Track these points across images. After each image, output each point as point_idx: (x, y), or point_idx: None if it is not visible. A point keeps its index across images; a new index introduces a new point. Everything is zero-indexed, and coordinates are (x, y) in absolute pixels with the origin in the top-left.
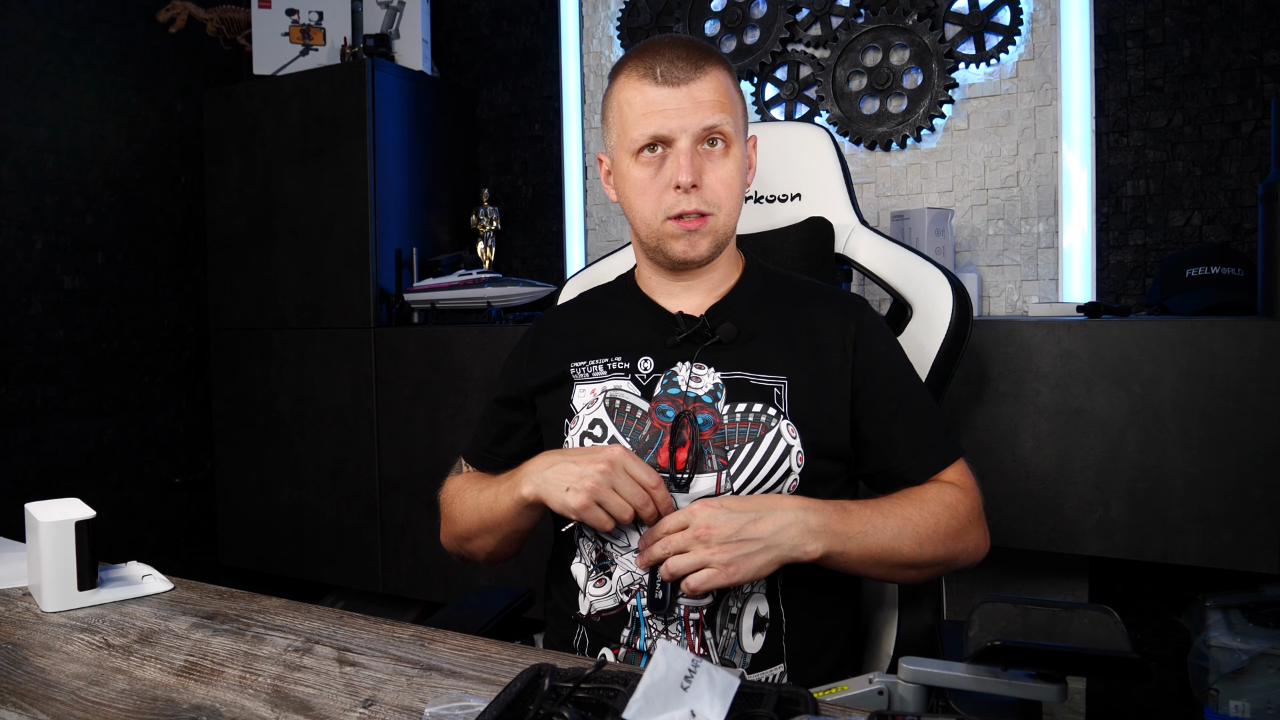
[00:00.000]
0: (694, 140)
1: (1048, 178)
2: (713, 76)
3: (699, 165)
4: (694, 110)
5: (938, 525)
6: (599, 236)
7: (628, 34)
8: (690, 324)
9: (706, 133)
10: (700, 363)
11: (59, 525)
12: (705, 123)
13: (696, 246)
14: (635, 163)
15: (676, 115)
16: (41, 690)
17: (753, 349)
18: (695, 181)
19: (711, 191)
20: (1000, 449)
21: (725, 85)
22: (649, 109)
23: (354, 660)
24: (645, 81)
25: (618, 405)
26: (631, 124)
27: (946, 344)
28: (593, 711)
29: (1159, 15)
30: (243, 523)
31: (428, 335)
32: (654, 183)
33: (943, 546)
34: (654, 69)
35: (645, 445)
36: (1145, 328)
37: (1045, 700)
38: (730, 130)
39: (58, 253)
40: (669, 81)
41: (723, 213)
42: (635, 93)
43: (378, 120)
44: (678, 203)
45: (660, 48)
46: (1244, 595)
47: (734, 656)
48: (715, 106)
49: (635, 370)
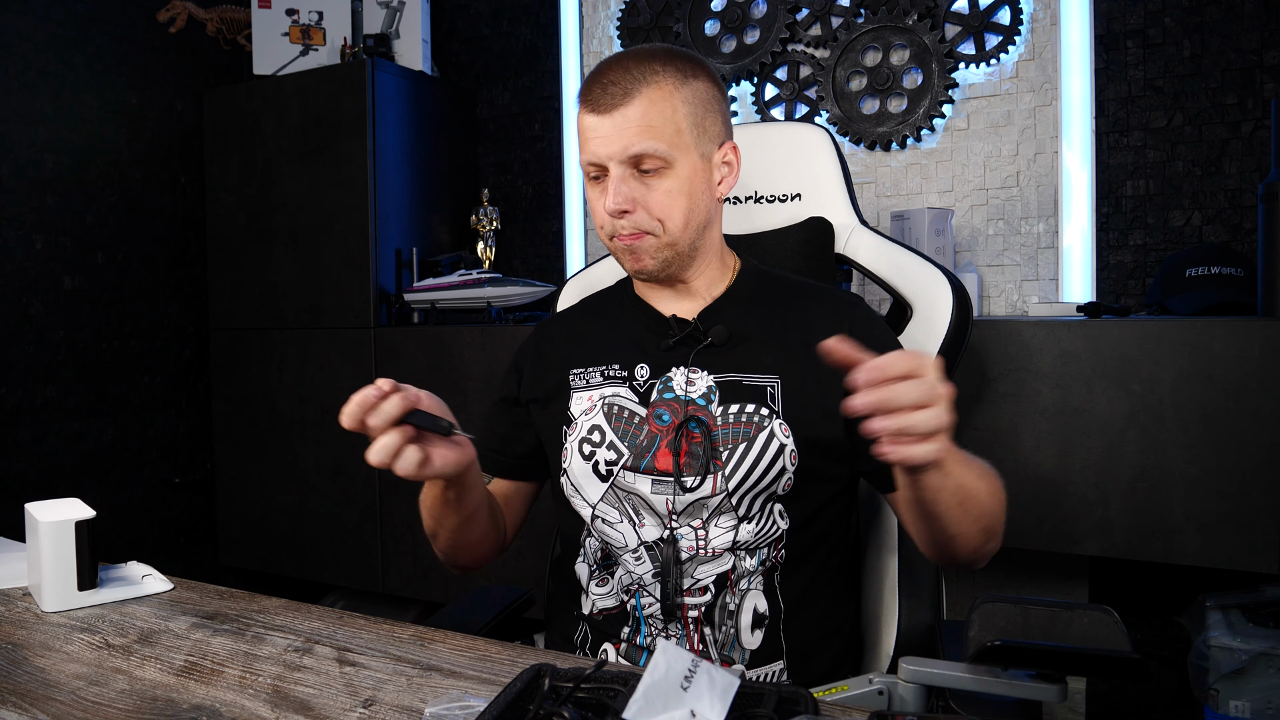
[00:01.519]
0: (625, 165)
1: (1048, 178)
2: (645, 98)
3: (629, 191)
4: (618, 137)
5: (997, 491)
6: (599, 236)
7: (628, 34)
8: (683, 328)
9: (634, 160)
10: (694, 366)
11: (59, 525)
12: (630, 150)
13: (641, 260)
14: (590, 185)
15: (604, 144)
16: (41, 690)
17: (745, 350)
18: (623, 208)
19: (646, 213)
20: (1000, 449)
21: (664, 104)
22: (586, 135)
23: (354, 660)
24: (585, 107)
25: (615, 411)
26: (581, 149)
27: (946, 344)
28: (593, 711)
29: (1159, 15)
30: (243, 523)
31: (428, 335)
32: (599, 205)
33: (999, 515)
34: (590, 94)
35: (643, 450)
36: (1145, 328)
37: (1045, 700)
38: (663, 152)
39: (58, 253)
40: (600, 108)
41: (668, 230)
42: (582, 117)
43: (378, 120)
44: (616, 227)
45: (603, 70)
46: (1244, 595)
47: (733, 652)
48: (643, 132)
49: (633, 377)
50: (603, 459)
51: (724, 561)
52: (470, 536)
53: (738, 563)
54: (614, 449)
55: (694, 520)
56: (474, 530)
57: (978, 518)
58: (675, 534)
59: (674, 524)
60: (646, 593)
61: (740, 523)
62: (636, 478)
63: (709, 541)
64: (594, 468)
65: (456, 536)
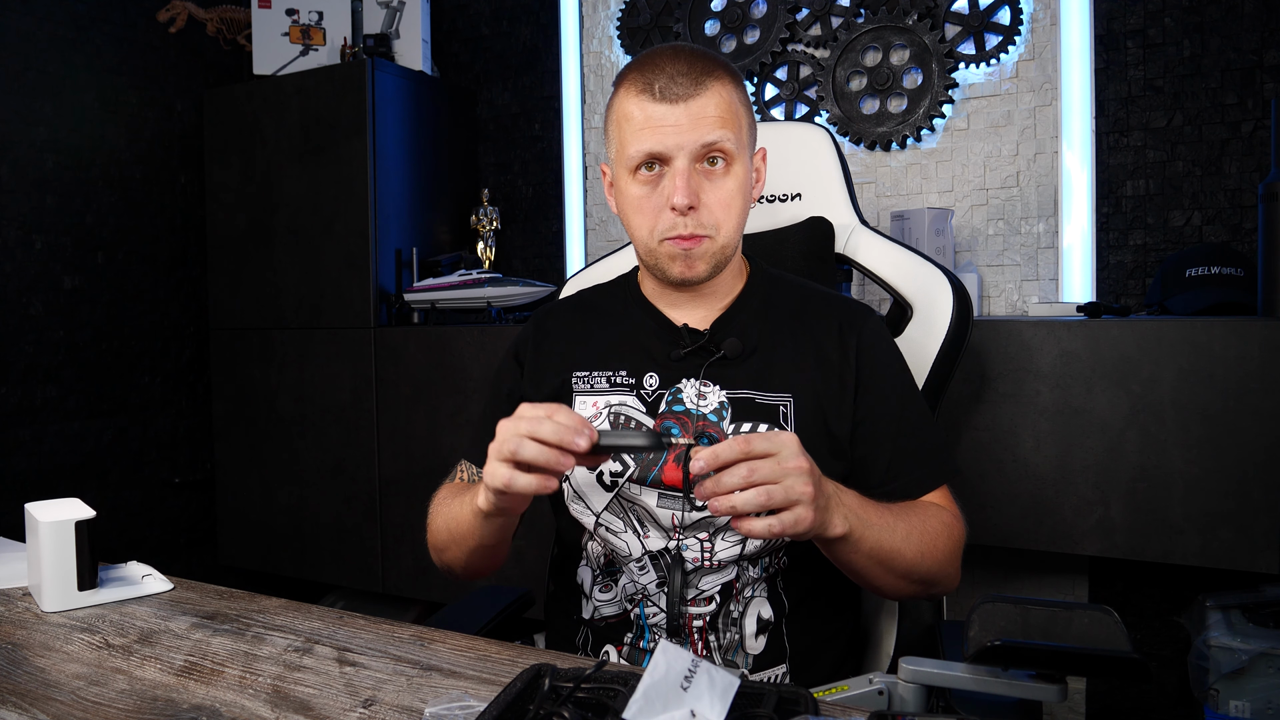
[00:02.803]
0: (691, 159)
1: (1048, 178)
2: (715, 91)
3: (696, 185)
4: (692, 127)
5: (936, 542)
6: (599, 236)
7: (628, 34)
8: (695, 338)
9: (705, 150)
10: (706, 379)
11: (59, 525)
12: (704, 139)
13: (694, 267)
14: (633, 179)
15: (674, 133)
16: (41, 690)
17: (757, 365)
18: (692, 203)
19: (709, 213)
20: (1000, 449)
21: (730, 99)
22: (646, 125)
23: (354, 660)
24: (644, 96)
25: (622, 421)
26: (629, 140)
27: (946, 344)
28: (593, 711)
29: (1159, 15)
30: (243, 523)
31: (428, 335)
32: (650, 201)
33: (936, 564)
34: (653, 83)
35: (650, 462)
36: (1145, 328)
37: (1045, 700)
38: (732, 147)
39: (58, 253)
40: (668, 97)
41: (722, 234)
42: (634, 107)
43: (378, 120)
44: (674, 225)
45: (661, 60)
46: (1244, 595)
47: (736, 657)
48: (716, 122)
49: (640, 386)
50: (607, 469)
51: (729, 572)
52: (484, 559)
53: (742, 572)
54: (619, 460)
55: (700, 534)
56: (492, 555)
57: (904, 574)
58: (681, 546)
59: (680, 537)
60: (651, 602)
61: (746, 538)
62: (643, 490)
63: (714, 554)
64: (598, 478)
65: (472, 557)
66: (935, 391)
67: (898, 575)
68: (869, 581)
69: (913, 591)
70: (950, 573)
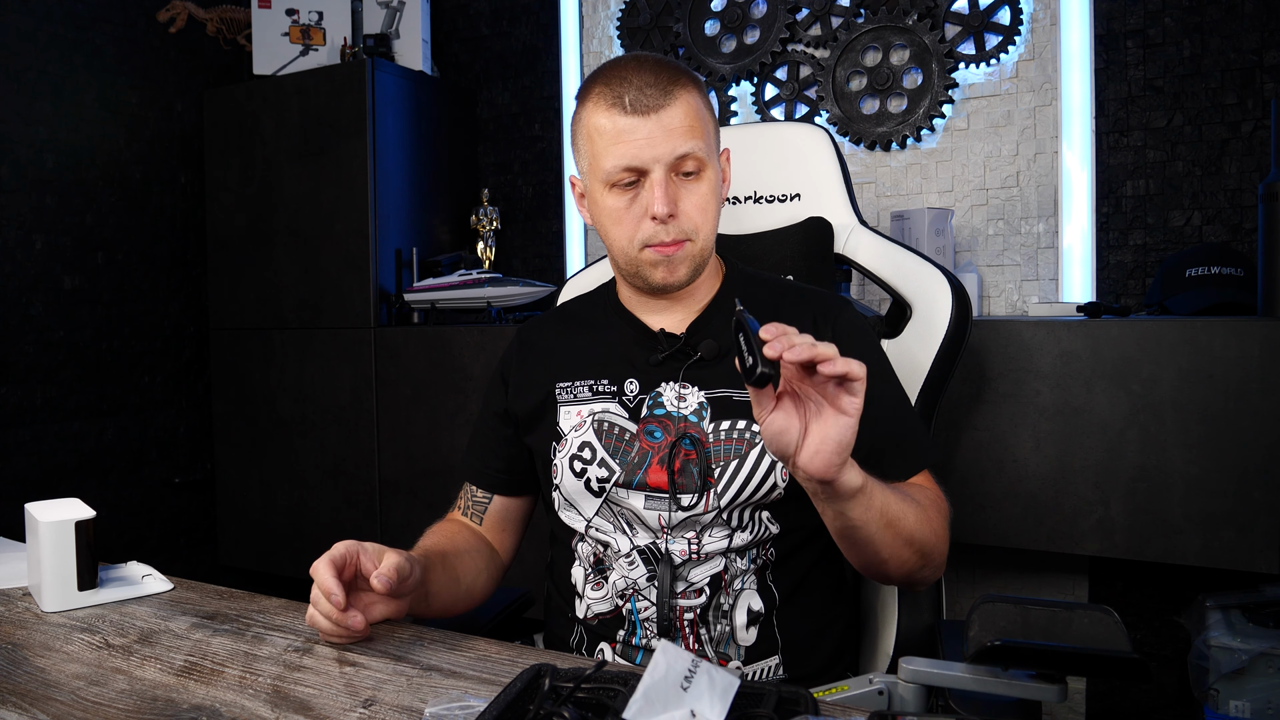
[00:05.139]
0: (667, 169)
1: (1048, 178)
2: (683, 100)
3: (673, 194)
4: (665, 139)
5: (929, 512)
6: (598, 236)
7: (628, 34)
8: (671, 342)
9: (680, 161)
10: (685, 382)
11: (59, 525)
12: (678, 151)
13: (675, 272)
14: (609, 192)
15: (648, 145)
16: (41, 690)
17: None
18: (671, 212)
19: (688, 218)
20: (1000, 449)
21: (696, 107)
22: (620, 139)
23: (354, 660)
24: (615, 110)
25: (606, 428)
26: (603, 154)
27: (946, 344)
28: (593, 711)
29: (1159, 15)
30: (243, 523)
31: (428, 335)
32: (629, 212)
33: (933, 533)
34: (623, 96)
35: (634, 466)
36: (1145, 328)
37: (1045, 700)
38: (704, 154)
39: (58, 253)
40: (638, 110)
41: (700, 236)
42: (605, 120)
43: (378, 120)
44: (655, 233)
45: (628, 73)
46: (1244, 595)
47: (728, 649)
48: (687, 132)
49: (622, 393)
50: (594, 476)
51: (716, 563)
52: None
53: (730, 564)
54: (605, 466)
55: (687, 533)
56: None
57: (909, 539)
58: (669, 544)
59: (667, 536)
60: (642, 597)
61: (734, 532)
62: (629, 493)
63: (702, 548)
64: (586, 484)
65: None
66: (934, 391)
67: (903, 541)
68: (876, 550)
69: (914, 565)
70: (943, 547)
